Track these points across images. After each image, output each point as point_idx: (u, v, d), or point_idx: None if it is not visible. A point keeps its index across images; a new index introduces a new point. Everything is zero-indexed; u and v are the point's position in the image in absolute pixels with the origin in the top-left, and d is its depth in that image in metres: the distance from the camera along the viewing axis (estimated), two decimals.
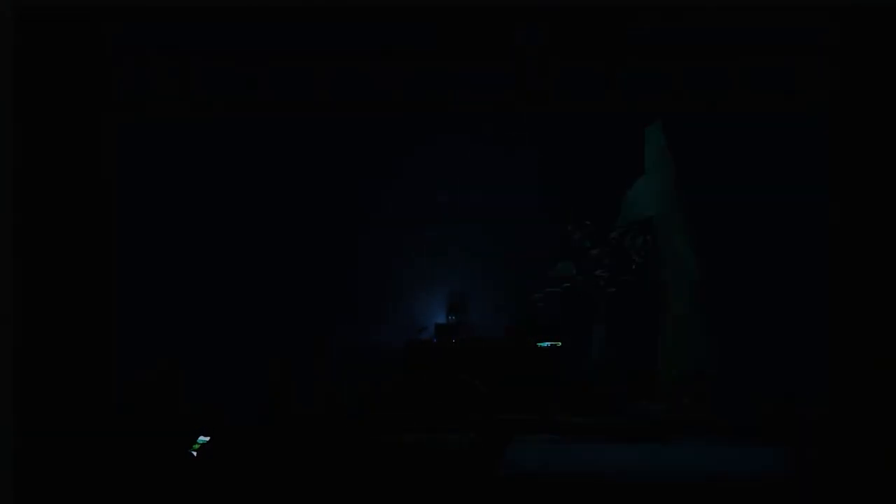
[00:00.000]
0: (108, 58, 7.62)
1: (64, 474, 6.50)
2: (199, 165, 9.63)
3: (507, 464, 6.96)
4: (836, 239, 7.94)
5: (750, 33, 8.21)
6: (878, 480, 6.42)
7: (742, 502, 6.20)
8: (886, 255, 7.65)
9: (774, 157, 8.98)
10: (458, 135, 10.32)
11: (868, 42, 7.51)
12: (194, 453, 6.70)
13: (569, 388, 8.99)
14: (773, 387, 8.44)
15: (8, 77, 6.89)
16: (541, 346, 9.33)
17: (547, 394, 9.11)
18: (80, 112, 7.36)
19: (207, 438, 6.85)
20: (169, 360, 8.21)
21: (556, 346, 9.28)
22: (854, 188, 7.99)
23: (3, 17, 6.92)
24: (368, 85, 8.15)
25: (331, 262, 10.19)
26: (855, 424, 7.12)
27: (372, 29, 8.11)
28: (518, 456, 7.16)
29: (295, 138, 9.82)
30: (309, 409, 8.78)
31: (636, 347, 9.01)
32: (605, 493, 6.29)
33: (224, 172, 9.72)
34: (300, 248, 10.02)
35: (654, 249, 9.21)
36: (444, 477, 6.63)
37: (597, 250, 9.47)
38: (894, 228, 7.74)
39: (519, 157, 10.74)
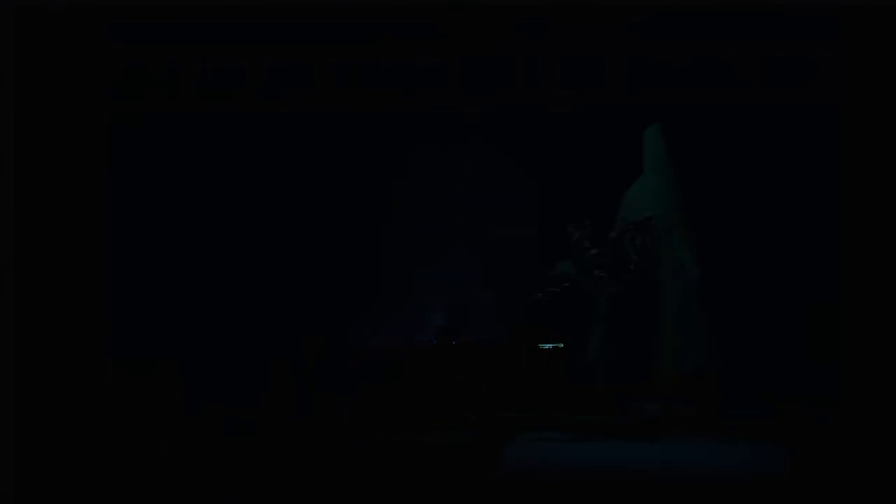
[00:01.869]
0: (103, 53, 7.65)
1: (59, 474, 6.49)
2: (196, 162, 9.63)
3: (507, 463, 6.97)
4: (845, 232, 7.97)
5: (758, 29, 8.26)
6: (880, 480, 6.42)
7: (741, 501, 6.21)
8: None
9: (775, 155, 8.99)
10: (457, 133, 10.35)
11: (877, 42, 7.55)
12: None
13: (569, 387, 9.00)
14: (772, 386, 8.46)
15: (9, 74, 6.92)
16: (543, 347, 9.34)
17: (547, 393, 9.14)
18: (76, 107, 7.38)
19: None
20: (168, 361, 8.23)
21: (559, 346, 9.28)
22: (865, 187, 8.03)
23: (4, 15, 6.94)
24: (368, 82, 8.18)
25: (331, 262, 10.19)
26: (862, 423, 7.14)
27: (371, 24, 8.14)
28: (518, 455, 7.17)
29: (293, 136, 9.82)
30: (307, 409, 8.79)
31: (635, 347, 8.98)
32: (605, 493, 6.30)
33: (222, 171, 9.73)
34: (300, 250, 10.03)
35: (652, 249, 9.19)
36: (444, 476, 6.64)
37: (596, 250, 9.45)
38: None
39: (519, 157, 10.77)
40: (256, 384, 8.88)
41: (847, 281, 8.19)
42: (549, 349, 9.43)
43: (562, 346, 9.21)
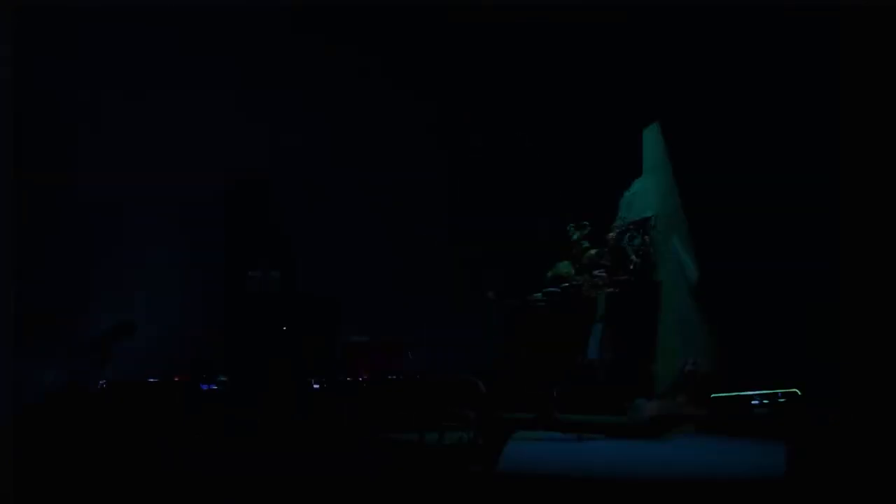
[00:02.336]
0: None
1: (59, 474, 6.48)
2: None
3: (506, 462, 6.98)
4: (845, 231, 7.97)
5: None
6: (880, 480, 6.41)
7: (738, 500, 6.22)
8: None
9: (773, 154, 8.98)
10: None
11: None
12: None
13: (568, 386, 9.01)
14: (768, 385, 8.48)
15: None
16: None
17: (546, 392, 9.14)
18: None
19: None
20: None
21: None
22: (864, 186, 8.03)
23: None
24: None
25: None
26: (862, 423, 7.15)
27: None
28: (516, 455, 7.18)
29: None
30: (309, 406, 8.81)
31: (635, 346, 8.96)
32: (603, 490, 6.31)
33: None
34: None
35: (651, 249, 9.19)
36: (444, 474, 6.65)
37: (595, 250, 9.48)
38: None
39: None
40: (257, 384, 8.88)
41: (847, 281, 8.22)
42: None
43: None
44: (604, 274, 9.31)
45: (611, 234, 9.48)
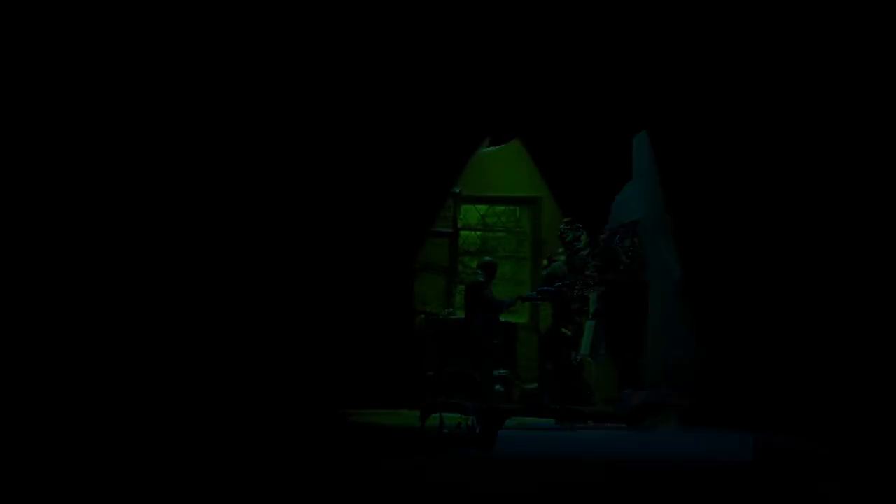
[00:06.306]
0: None
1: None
2: None
3: (498, 449, 7.33)
4: (824, 231, 8.27)
5: None
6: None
7: (718, 485, 6.55)
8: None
9: (757, 159, 9.12)
10: None
11: None
12: None
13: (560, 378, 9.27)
14: (752, 379, 8.79)
15: None
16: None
17: (540, 383, 9.44)
18: None
19: None
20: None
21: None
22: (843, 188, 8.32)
23: None
24: None
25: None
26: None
27: None
28: (509, 442, 7.54)
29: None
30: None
31: (623, 341, 9.20)
32: (592, 476, 6.61)
33: None
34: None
35: (640, 250, 9.37)
36: (440, 459, 7.00)
37: (587, 251, 9.57)
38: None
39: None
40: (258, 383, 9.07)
41: (827, 279, 8.56)
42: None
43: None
44: (595, 274, 9.43)
45: (602, 236, 9.62)
